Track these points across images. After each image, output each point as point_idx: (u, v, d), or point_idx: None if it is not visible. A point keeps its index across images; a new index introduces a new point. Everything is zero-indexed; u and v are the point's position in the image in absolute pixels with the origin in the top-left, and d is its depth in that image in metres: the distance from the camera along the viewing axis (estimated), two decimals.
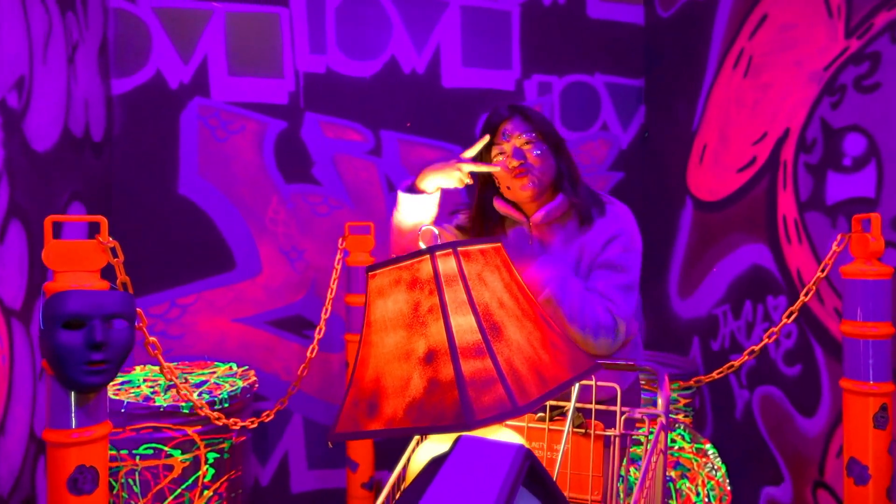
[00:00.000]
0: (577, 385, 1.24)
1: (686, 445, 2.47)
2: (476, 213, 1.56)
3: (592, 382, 1.35)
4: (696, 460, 2.42)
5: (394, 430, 1.03)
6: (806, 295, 1.78)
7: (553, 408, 1.42)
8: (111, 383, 2.28)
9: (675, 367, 2.76)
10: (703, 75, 2.65)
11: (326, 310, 2.24)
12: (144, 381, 2.34)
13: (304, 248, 2.73)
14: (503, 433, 1.19)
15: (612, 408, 1.33)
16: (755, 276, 2.36)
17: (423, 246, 1.16)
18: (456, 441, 0.88)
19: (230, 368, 2.49)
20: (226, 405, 2.13)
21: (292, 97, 2.70)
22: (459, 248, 1.11)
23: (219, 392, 2.18)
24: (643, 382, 2.44)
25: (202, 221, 2.63)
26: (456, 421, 0.97)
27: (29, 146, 1.77)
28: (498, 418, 0.95)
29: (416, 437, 1.29)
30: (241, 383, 2.27)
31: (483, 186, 1.55)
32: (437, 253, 1.11)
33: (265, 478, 2.72)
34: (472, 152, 1.47)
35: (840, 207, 1.97)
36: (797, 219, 2.15)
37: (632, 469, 2.27)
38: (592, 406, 1.33)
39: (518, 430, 1.39)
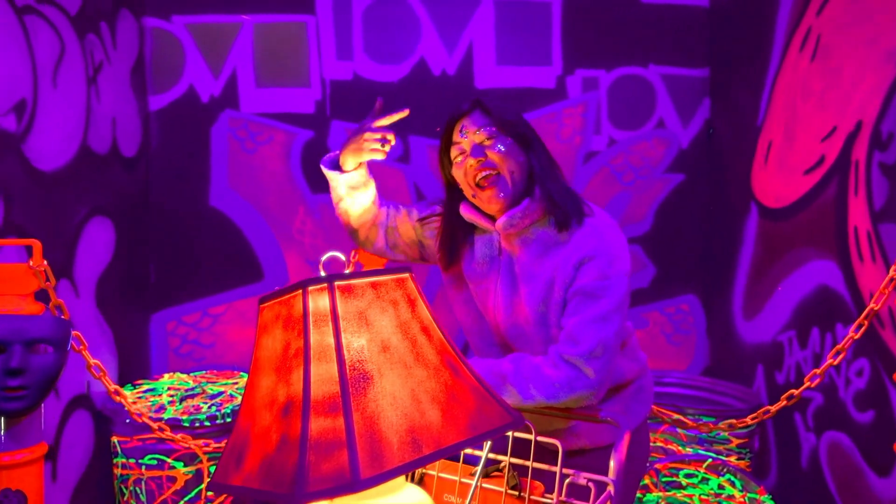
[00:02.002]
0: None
1: (737, 494, 2.12)
2: (444, 219, 1.39)
3: (532, 435, 1.14)
4: None
5: (246, 489, 0.91)
6: (870, 319, 1.43)
7: (490, 461, 1.23)
8: (138, 388, 2.36)
9: (734, 397, 2.41)
10: (767, 61, 2.27)
11: None
12: (168, 388, 2.40)
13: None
14: (407, 491, 1.03)
15: (552, 468, 1.12)
16: (823, 299, 1.98)
17: (322, 273, 1.03)
18: None
19: None
20: (227, 420, 2.12)
21: (319, 106, 2.66)
22: (338, 283, 0.97)
23: (225, 406, 2.17)
24: (678, 417, 2.12)
25: (232, 232, 2.66)
26: (288, 490, 0.83)
27: (32, 166, 1.84)
28: (330, 493, 0.80)
29: None
30: None
31: (451, 189, 1.38)
32: (310, 288, 0.97)
33: None
34: (383, 122, 1.32)
35: None
36: (870, 231, 1.76)
37: None
38: (530, 464, 1.12)
39: (448, 483, 1.21)
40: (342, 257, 1.11)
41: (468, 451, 1.23)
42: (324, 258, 1.09)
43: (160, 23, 2.61)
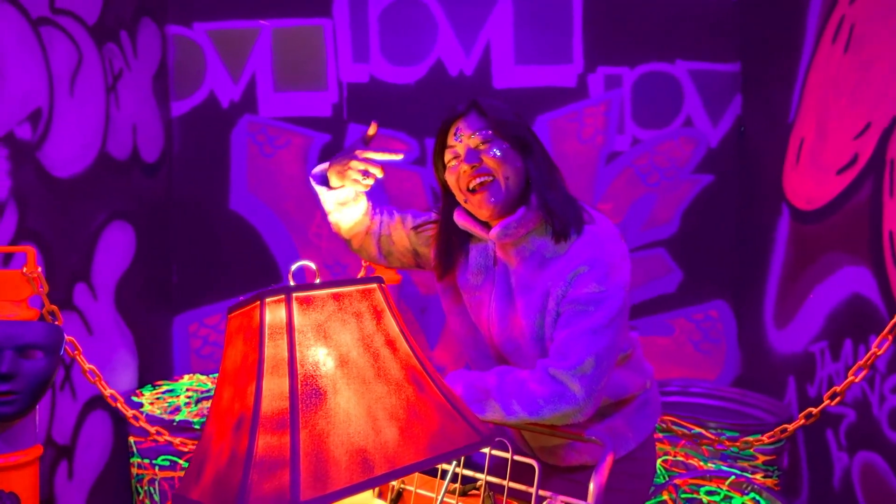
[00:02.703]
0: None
1: None
2: (439, 226, 1.34)
3: (508, 454, 1.09)
4: None
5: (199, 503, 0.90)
6: None
7: (468, 479, 1.18)
8: (157, 388, 2.40)
9: (764, 410, 2.28)
10: (799, 53, 2.14)
11: None
12: (187, 390, 2.44)
13: (347, 262, 2.67)
14: None
15: (528, 488, 1.06)
16: (856, 309, 1.84)
17: (291, 282, 1.00)
18: None
19: None
20: None
21: (336, 109, 2.65)
22: (296, 294, 0.94)
23: None
24: (699, 431, 2.02)
25: (251, 236, 2.68)
26: None
27: (48, 173, 1.89)
28: None
29: None
30: None
31: (446, 194, 1.33)
32: (268, 299, 0.95)
33: None
34: (372, 155, 1.26)
35: None
36: None
37: None
38: (506, 483, 1.07)
39: (426, 500, 1.17)
40: (313, 266, 1.07)
41: (446, 466, 1.19)
42: (293, 267, 1.07)
43: (182, 30, 2.66)
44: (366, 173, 1.27)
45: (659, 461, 2.20)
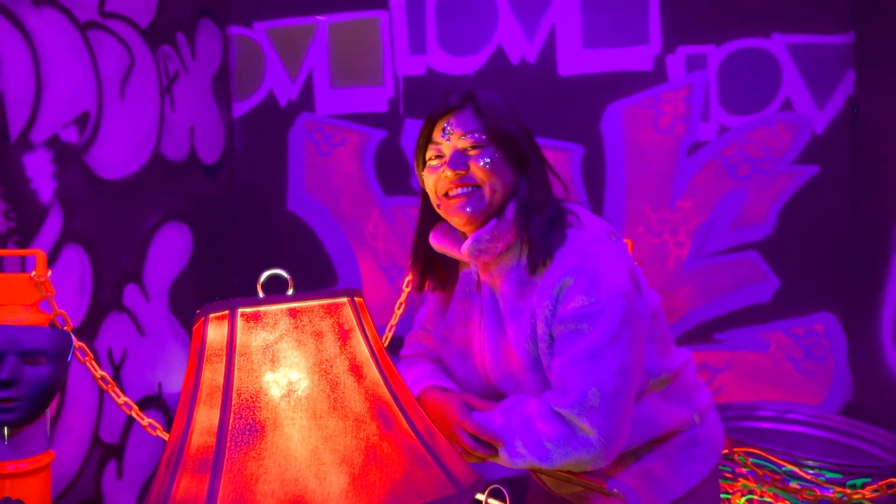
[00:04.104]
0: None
1: None
2: (414, 248, 1.18)
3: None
4: None
5: None
6: None
7: None
8: None
9: (879, 445, 1.92)
10: None
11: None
12: None
13: (403, 264, 2.55)
14: None
15: None
16: None
17: (260, 293, 0.88)
18: None
19: None
20: None
21: (392, 104, 2.54)
22: (242, 310, 0.82)
23: None
24: (792, 469, 1.70)
25: (308, 237, 2.63)
26: None
27: (95, 175, 1.91)
28: None
29: None
30: None
31: (426, 208, 1.17)
32: (211, 314, 0.83)
33: None
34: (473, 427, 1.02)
35: None
36: None
37: None
38: None
39: None
40: (285, 275, 0.94)
41: None
42: (263, 277, 0.94)
43: (243, 31, 2.65)
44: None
45: None
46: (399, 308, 2.05)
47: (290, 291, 0.89)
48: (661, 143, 2.34)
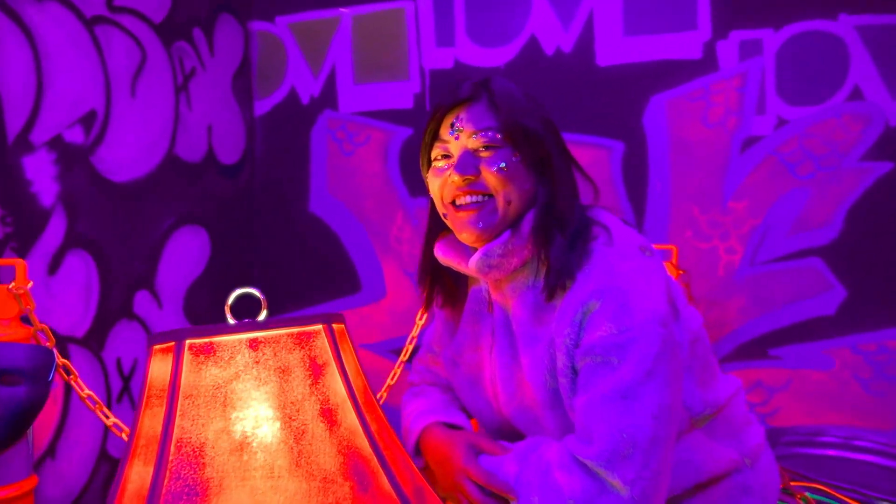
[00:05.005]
0: None
1: None
2: (422, 259, 1.04)
3: None
4: None
5: None
6: None
7: None
8: None
9: None
10: None
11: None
12: None
13: None
14: None
15: None
16: None
17: (230, 320, 0.75)
18: None
19: None
20: None
21: (417, 100, 2.40)
22: (191, 340, 0.68)
23: None
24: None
25: (330, 240, 2.52)
26: None
27: (102, 177, 1.83)
28: None
29: None
30: None
31: (434, 214, 1.02)
32: (156, 346, 0.70)
33: None
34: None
35: None
36: None
37: None
38: None
39: None
40: (258, 294, 0.80)
41: None
42: (231, 297, 0.80)
43: (265, 25, 2.55)
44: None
45: None
46: (420, 319, 1.91)
47: (262, 316, 0.75)
48: (711, 139, 2.13)
